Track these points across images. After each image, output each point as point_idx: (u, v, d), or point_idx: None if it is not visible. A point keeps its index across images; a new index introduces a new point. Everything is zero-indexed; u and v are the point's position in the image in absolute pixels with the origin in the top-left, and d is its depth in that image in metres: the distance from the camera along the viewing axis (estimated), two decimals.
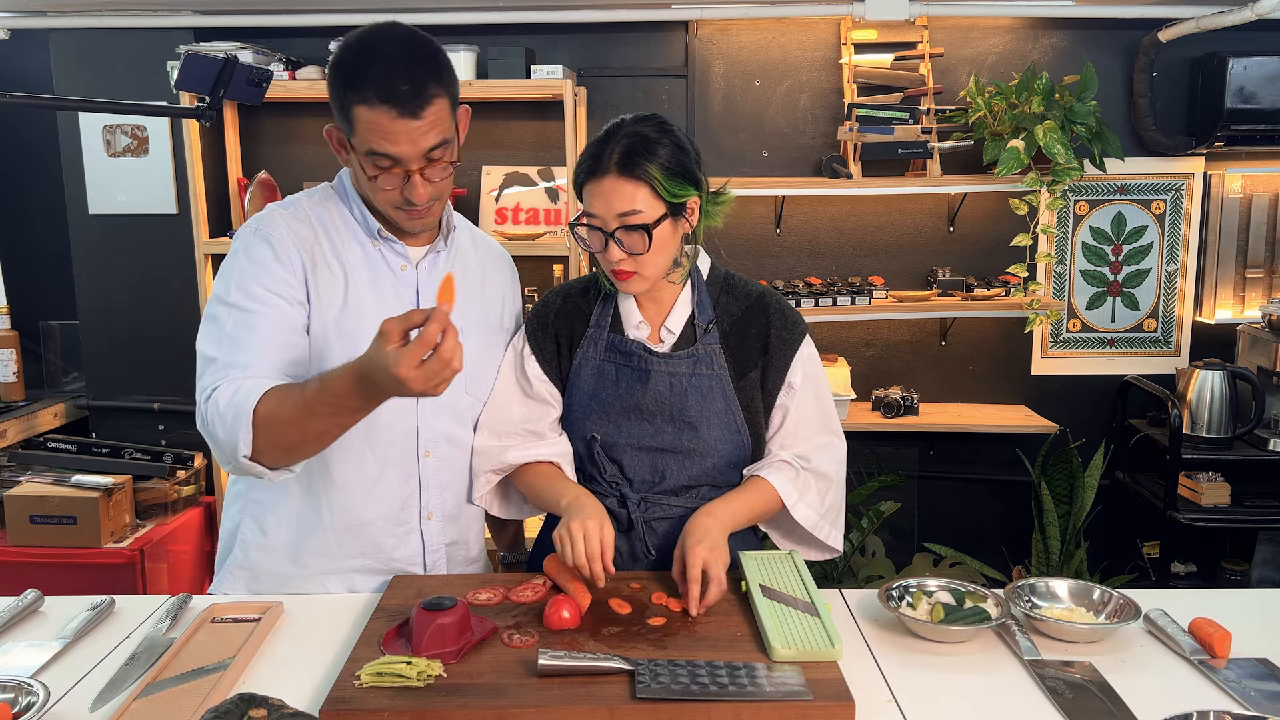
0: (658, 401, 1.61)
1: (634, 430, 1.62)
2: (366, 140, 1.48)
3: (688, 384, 1.62)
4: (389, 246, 1.63)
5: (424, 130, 1.47)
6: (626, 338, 1.65)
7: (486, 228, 3.34)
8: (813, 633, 1.34)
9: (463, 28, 3.20)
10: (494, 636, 1.36)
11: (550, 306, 1.71)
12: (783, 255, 3.43)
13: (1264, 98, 3.11)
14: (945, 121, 3.22)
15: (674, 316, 1.66)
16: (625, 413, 1.62)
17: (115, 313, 3.42)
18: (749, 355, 1.65)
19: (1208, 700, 1.26)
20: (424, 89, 1.46)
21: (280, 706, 1.13)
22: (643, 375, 1.62)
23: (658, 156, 1.52)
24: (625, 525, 1.63)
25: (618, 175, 1.52)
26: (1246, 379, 3.08)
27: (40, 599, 1.54)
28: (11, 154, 3.55)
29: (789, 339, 1.67)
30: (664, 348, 1.64)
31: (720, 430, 1.62)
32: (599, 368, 1.65)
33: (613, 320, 1.67)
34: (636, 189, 1.52)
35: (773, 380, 1.66)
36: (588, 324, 1.68)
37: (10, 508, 2.87)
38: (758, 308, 1.68)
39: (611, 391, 1.63)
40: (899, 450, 3.41)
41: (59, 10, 3.22)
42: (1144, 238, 3.40)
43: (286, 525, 1.63)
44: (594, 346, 1.66)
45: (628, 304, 1.67)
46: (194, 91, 1.67)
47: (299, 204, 1.63)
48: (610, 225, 1.54)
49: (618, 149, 1.52)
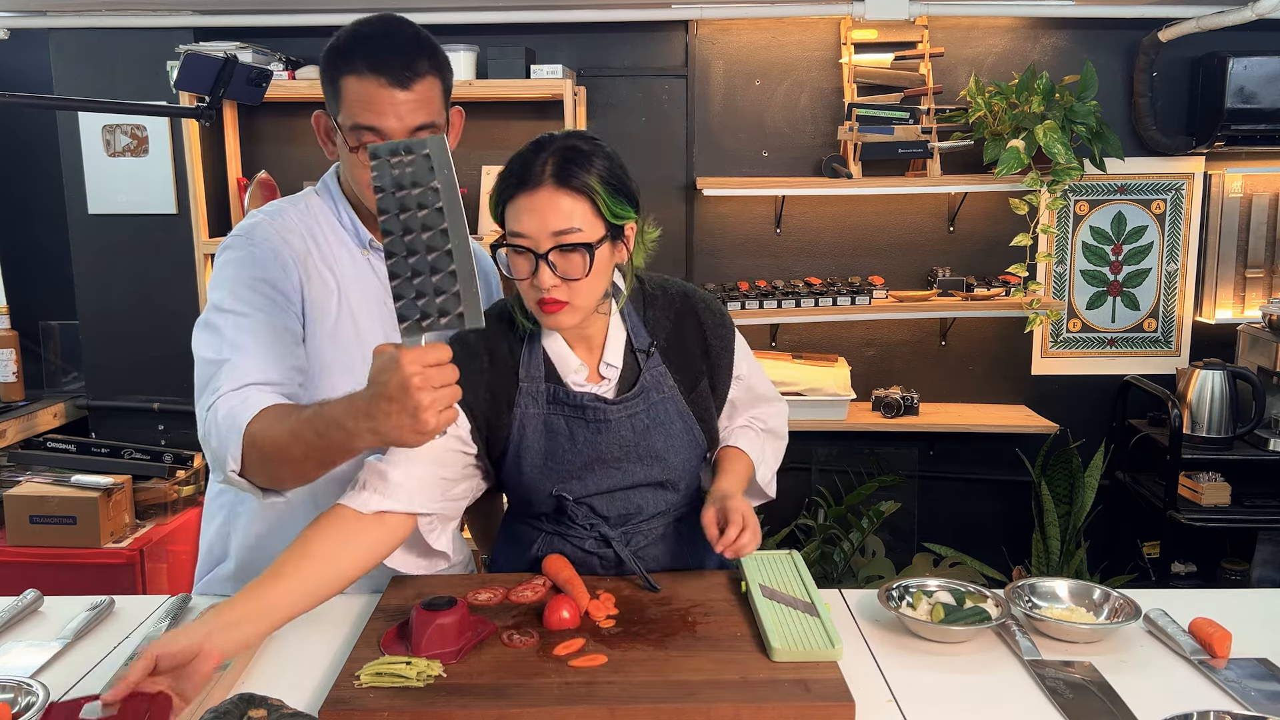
0: (621, 448, 1.51)
1: (600, 479, 1.52)
2: (352, 112, 1.45)
3: (648, 420, 1.51)
4: (378, 255, 1.59)
5: (411, 104, 1.45)
6: (569, 389, 1.49)
7: (486, 228, 3.34)
8: (813, 633, 1.34)
9: (463, 28, 3.20)
10: (494, 636, 1.36)
11: (478, 362, 1.48)
12: (783, 255, 3.43)
13: (1264, 98, 3.11)
14: (945, 121, 3.22)
15: (610, 349, 1.52)
16: (588, 466, 1.50)
17: (115, 313, 3.42)
18: (693, 365, 1.56)
19: (1208, 700, 1.26)
20: (415, 64, 1.45)
21: (280, 706, 1.13)
22: (600, 427, 1.49)
23: (597, 169, 1.38)
24: (614, 564, 1.58)
25: (555, 187, 1.36)
26: (1246, 379, 3.08)
27: (40, 599, 1.54)
28: (11, 154, 3.55)
29: (725, 335, 1.59)
30: (609, 387, 1.51)
31: (684, 451, 1.55)
32: (545, 422, 1.49)
33: (546, 368, 1.50)
34: (576, 203, 1.36)
35: (722, 381, 1.60)
36: (518, 378, 1.49)
37: (10, 508, 2.87)
38: (686, 312, 1.57)
39: (568, 448, 1.49)
40: (899, 450, 3.41)
41: (59, 10, 3.22)
42: (1144, 238, 3.40)
43: (259, 532, 1.62)
44: (534, 402, 1.49)
45: (556, 345, 1.50)
46: (194, 91, 1.67)
47: (286, 214, 1.58)
48: (543, 246, 1.35)
49: (552, 159, 1.37)
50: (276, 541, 1.59)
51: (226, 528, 1.67)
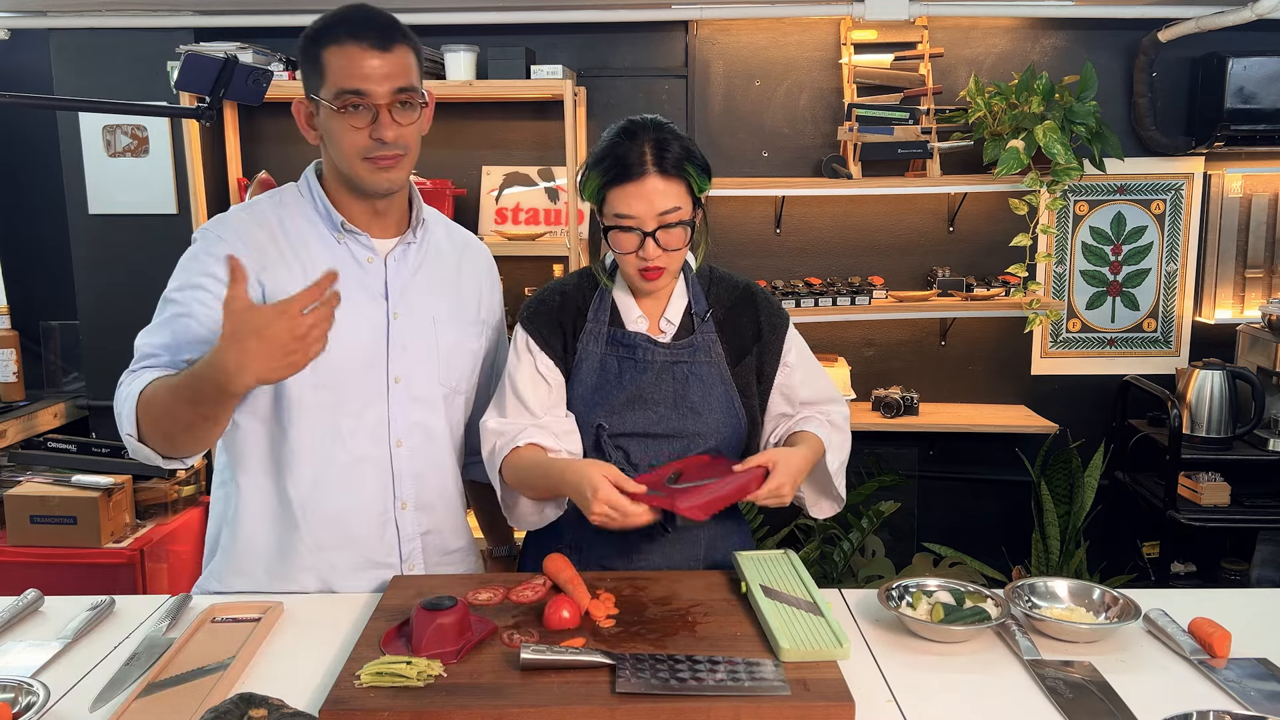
0: (661, 390, 1.65)
1: (638, 419, 1.64)
2: (336, 80, 1.51)
3: (689, 372, 1.66)
4: (354, 239, 1.63)
5: (392, 66, 1.52)
6: (628, 331, 1.67)
7: (486, 228, 3.34)
8: (819, 632, 1.34)
9: (463, 28, 3.20)
10: (494, 636, 1.36)
11: (549, 304, 1.71)
12: (783, 255, 3.43)
13: (1264, 98, 3.11)
14: (945, 121, 3.22)
15: (672, 308, 1.69)
16: (629, 403, 1.64)
17: (115, 313, 3.42)
18: (743, 342, 1.71)
19: (1208, 700, 1.26)
20: (392, 33, 1.53)
21: (280, 706, 1.13)
22: (646, 366, 1.65)
23: (691, 155, 1.58)
24: None
25: (659, 175, 1.55)
26: (1246, 379, 3.08)
27: (40, 599, 1.54)
28: (11, 154, 3.55)
29: (778, 324, 1.74)
30: (665, 338, 1.68)
31: (720, 415, 1.66)
32: (601, 361, 1.67)
33: (611, 314, 1.69)
34: (674, 186, 1.56)
35: (769, 363, 1.72)
36: (585, 319, 1.69)
37: (10, 508, 2.87)
38: (746, 298, 1.74)
39: (615, 384, 1.65)
40: (899, 450, 3.41)
41: (59, 10, 3.22)
42: (1144, 238, 3.40)
43: (260, 523, 1.64)
44: (595, 341, 1.68)
45: (625, 298, 1.69)
46: (194, 91, 1.67)
47: (259, 204, 1.66)
48: (649, 225, 1.56)
49: (650, 149, 1.55)
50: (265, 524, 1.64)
51: (221, 520, 1.68)
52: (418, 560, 1.69)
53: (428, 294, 1.69)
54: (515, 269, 3.29)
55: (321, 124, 1.57)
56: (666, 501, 1.45)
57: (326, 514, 1.62)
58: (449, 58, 3.10)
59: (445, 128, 3.36)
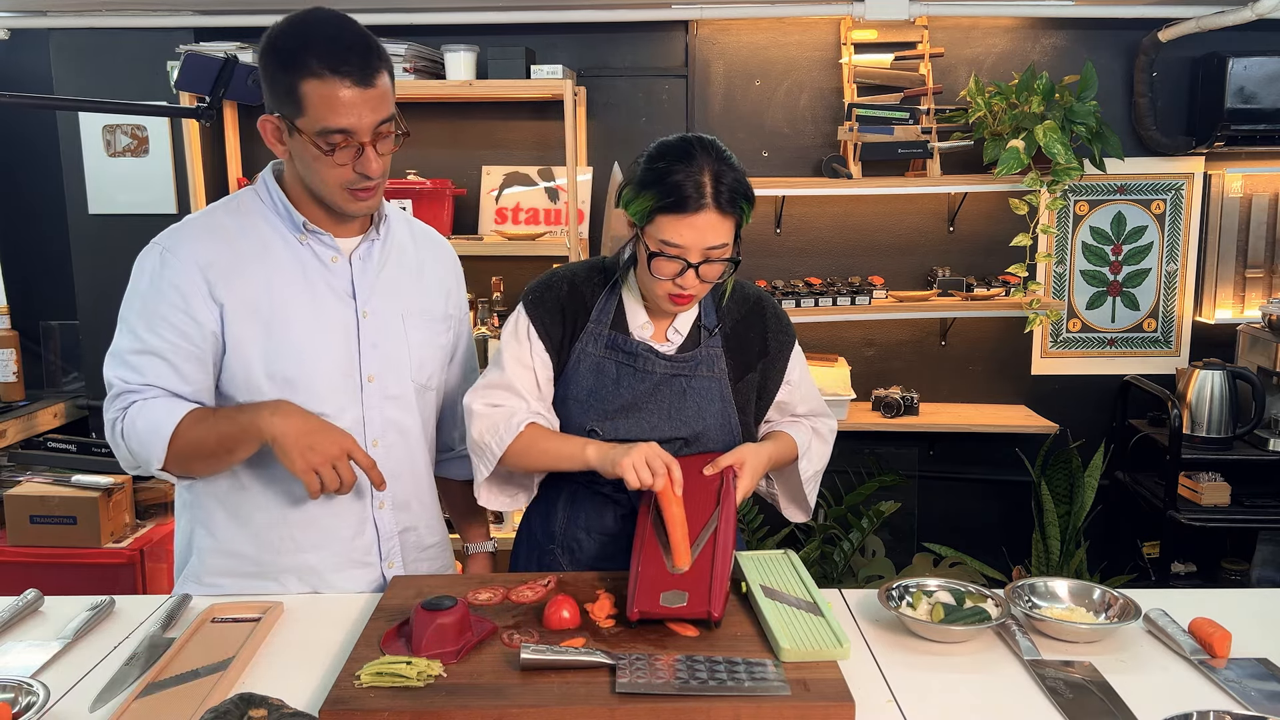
0: (657, 401, 1.63)
1: (631, 427, 1.62)
2: (320, 117, 1.46)
3: (687, 385, 1.64)
4: (317, 239, 1.61)
5: (376, 100, 1.48)
6: (630, 337, 1.64)
7: (486, 228, 3.34)
8: (820, 632, 1.34)
9: (463, 28, 3.20)
10: (494, 636, 1.36)
11: (556, 290, 1.67)
12: (783, 255, 3.43)
13: (1264, 98, 3.11)
14: (945, 121, 3.22)
15: (681, 319, 1.67)
16: (623, 410, 1.63)
17: (115, 313, 3.39)
18: (748, 358, 1.69)
19: (1208, 700, 1.26)
20: (370, 60, 1.48)
21: (280, 706, 1.13)
22: (645, 376, 1.63)
23: (744, 191, 1.54)
24: (627, 510, 1.66)
25: (719, 213, 1.51)
26: (1246, 379, 3.08)
27: (40, 599, 1.54)
28: (11, 154, 3.55)
29: (785, 342, 1.73)
30: (670, 348, 1.65)
31: (715, 430, 1.65)
32: (598, 364, 1.64)
33: (615, 316, 1.66)
34: (727, 223, 1.53)
35: (773, 380, 1.71)
36: (589, 317, 1.66)
37: (10, 508, 2.87)
38: (755, 311, 1.71)
39: (612, 390, 1.63)
40: (899, 450, 3.41)
41: (59, 10, 3.22)
42: (1144, 238, 3.40)
43: (239, 524, 1.63)
44: (594, 342, 1.65)
45: (634, 302, 1.66)
46: (194, 91, 1.68)
47: (215, 213, 1.63)
48: (695, 257, 1.52)
49: (710, 180, 1.50)
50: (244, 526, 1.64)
51: (193, 525, 1.68)
52: (396, 558, 1.69)
53: (395, 291, 1.67)
54: (515, 269, 3.29)
55: (296, 149, 1.53)
56: (689, 611, 1.39)
57: (305, 516, 1.62)
58: (449, 58, 3.10)
59: (445, 128, 3.37)
